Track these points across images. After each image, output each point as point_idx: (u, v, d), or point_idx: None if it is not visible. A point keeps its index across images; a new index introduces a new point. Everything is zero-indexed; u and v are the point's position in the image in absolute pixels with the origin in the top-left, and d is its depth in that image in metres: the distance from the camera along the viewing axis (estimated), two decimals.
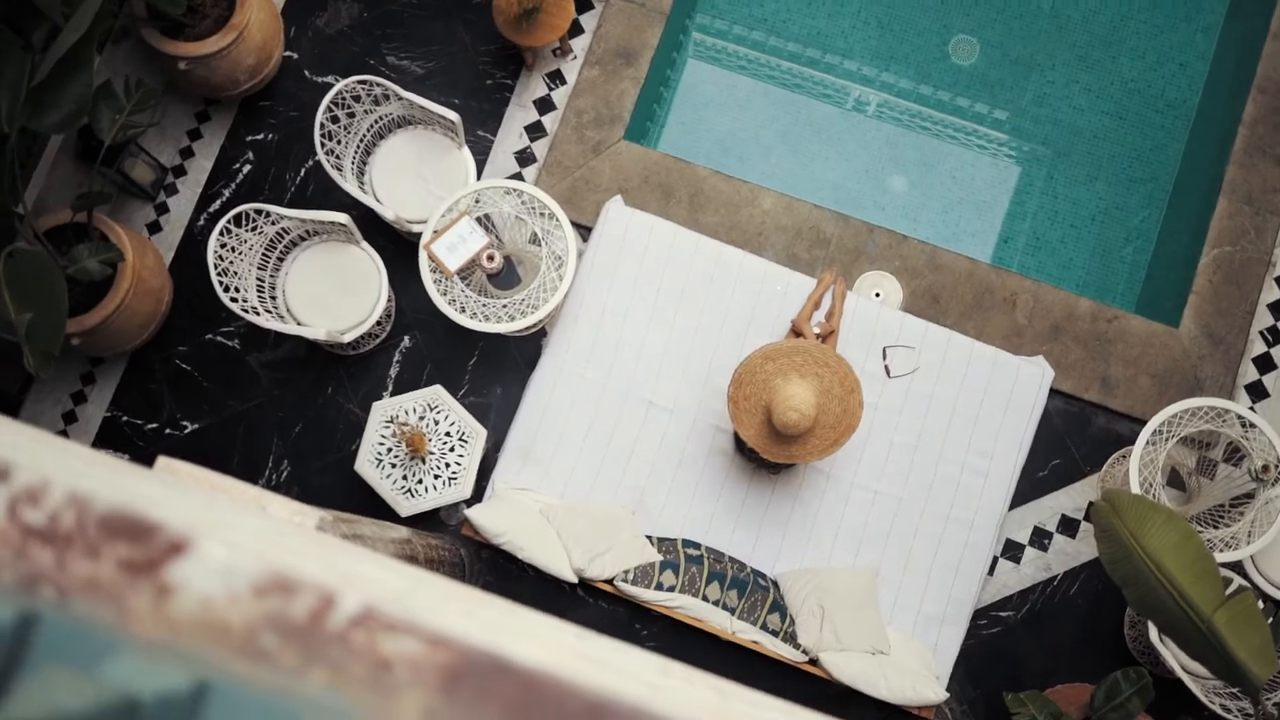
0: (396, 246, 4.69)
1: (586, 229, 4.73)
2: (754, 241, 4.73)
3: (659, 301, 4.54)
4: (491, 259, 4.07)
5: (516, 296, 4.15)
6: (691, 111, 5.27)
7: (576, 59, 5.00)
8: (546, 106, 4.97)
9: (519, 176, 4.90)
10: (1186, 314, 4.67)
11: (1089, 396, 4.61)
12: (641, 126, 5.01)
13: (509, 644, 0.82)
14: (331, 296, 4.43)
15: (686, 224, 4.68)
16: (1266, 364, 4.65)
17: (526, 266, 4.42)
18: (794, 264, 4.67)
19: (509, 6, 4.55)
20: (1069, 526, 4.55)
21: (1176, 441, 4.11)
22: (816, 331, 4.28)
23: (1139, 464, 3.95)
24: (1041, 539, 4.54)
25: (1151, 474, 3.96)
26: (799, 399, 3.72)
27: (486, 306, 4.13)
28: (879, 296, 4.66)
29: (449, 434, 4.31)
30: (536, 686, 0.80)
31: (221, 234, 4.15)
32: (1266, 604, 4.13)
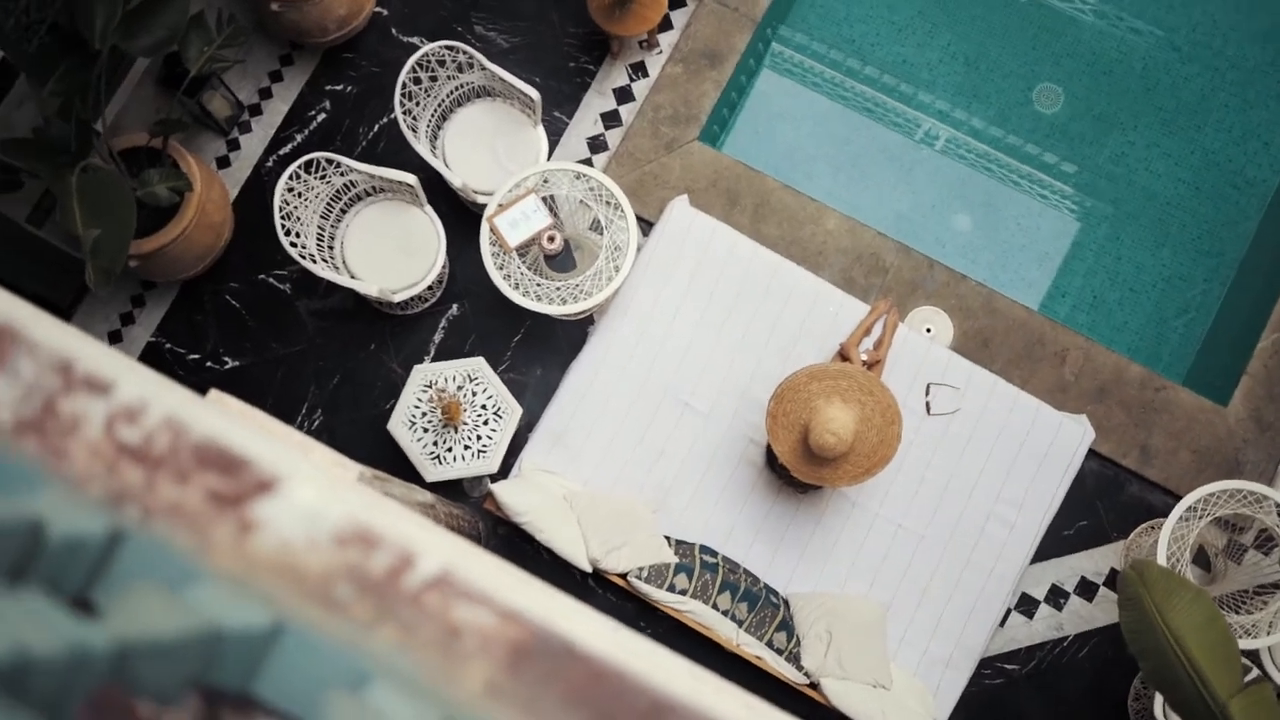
0: (458, 214, 4.71)
1: (648, 223, 4.73)
2: (813, 260, 4.71)
3: (710, 306, 4.53)
4: (552, 240, 4.08)
5: (571, 281, 4.15)
6: (764, 121, 5.25)
7: (662, 54, 5.00)
8: (625, 97, 4.97)
9: (589, 162, 4.90)
10: (1237, 394, 4.61)
11: (1126, 463, 4.56)
12: (710, 128, 5.00)
13: (580, 630, 0.82)
14: (389, 255, 4.46)
15: (748, 233, 4.66)
16: None
17: (584, 252, 4.42)
18: (849, 288, 4.65)
19: None
20: (1087, 589, 4.50)
21: (1209, 521, 4.06)
22: (863, 359, 4.26)
23: (1169, 537, 3.91)
24: (1058, 598, 4.50)
25: (1180, 550, 3.91)
26: (838, 423, 3.70)
27: (540, 286, 4.14)
28: (930, 332, 4.63)
29: (485, 407, 4.32)
30: (603, 677, 0.80)
31: (291, 178, 4.18)
32: None
